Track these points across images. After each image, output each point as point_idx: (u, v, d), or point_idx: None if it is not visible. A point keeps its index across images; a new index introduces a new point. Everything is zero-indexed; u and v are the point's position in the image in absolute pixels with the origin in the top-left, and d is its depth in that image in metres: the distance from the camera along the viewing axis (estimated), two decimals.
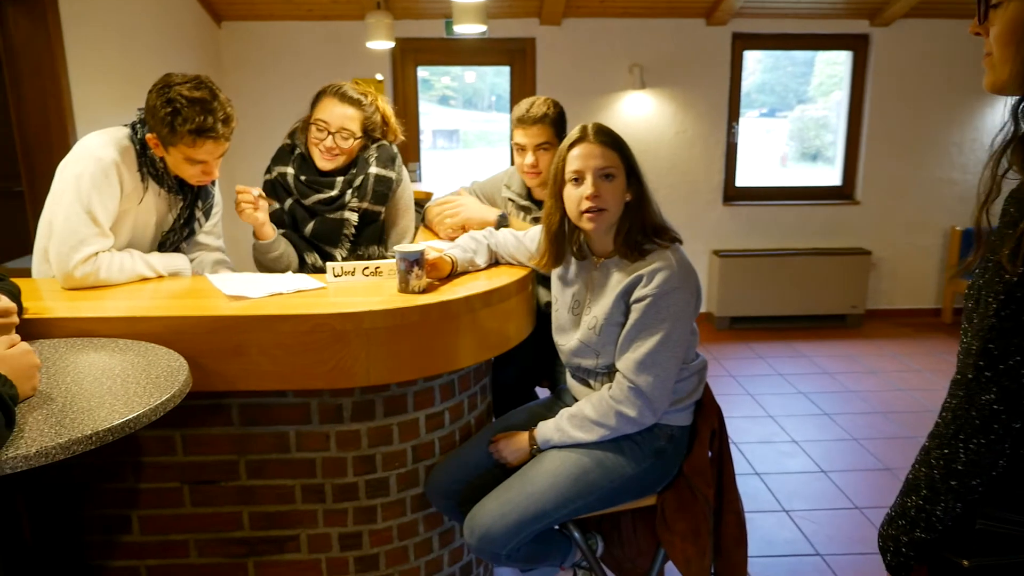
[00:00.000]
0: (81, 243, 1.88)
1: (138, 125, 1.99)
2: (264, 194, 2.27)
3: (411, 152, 5.57)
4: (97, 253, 1.90)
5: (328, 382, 1.73)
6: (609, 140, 1.77)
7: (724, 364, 4.89)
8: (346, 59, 5.31)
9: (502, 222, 2.31)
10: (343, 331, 1.69)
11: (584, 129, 1.79)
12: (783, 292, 5.57)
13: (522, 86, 5.48)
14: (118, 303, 1.80)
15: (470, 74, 9.84)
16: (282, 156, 2.44)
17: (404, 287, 1.82)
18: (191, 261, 2.25)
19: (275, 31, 5.30)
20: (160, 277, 2.03)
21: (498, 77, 10.47)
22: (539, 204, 2.59)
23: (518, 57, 5.49)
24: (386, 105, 2.47)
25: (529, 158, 2.42)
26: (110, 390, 1.36)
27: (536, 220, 2.57)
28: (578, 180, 1.77)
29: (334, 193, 2.36)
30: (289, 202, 2.40)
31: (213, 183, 2.24)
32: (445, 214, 2.42)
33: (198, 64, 4.92)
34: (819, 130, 7.10)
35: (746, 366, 4.86)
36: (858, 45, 5.54)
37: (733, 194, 5.73)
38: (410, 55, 5.45)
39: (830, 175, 5.88)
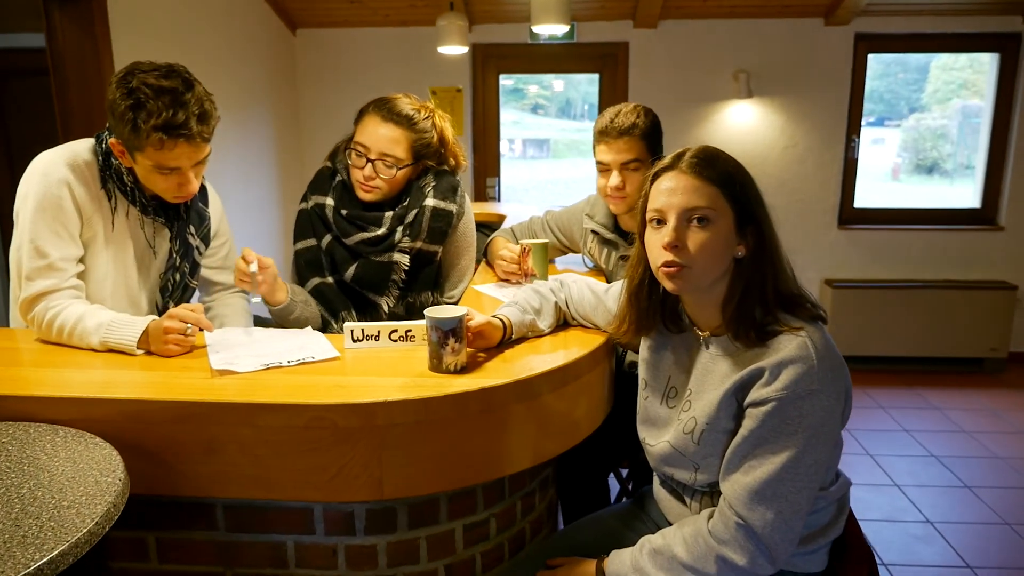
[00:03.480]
0: (26, 279, 1.56)
1: (106, 133, 1.63)
2: (268, 265, 1.78)
3: (490, 166, 5.17)
4: (45, 293, 1.56)
5: (328, 494, 1.30)
6: (709, 170, 1.26)
7: None
8: (424, 67, 4.96)
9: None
10: (349, 428, 1.26)
11: (679, 155, 1.30)
12: (907, 330, 4.84)
13: (612, 95, 4.98)
14: (71, 375, 1.43)
15: (558, 82, 9.42)
16: (320, 183, 2.04)
17: (436, 364, 1.38)
18: (207, 311, 1.87)
19: (351, 38, 5.01)
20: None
21: (591, 85, 10.04)
22: (628, 237, 2.11)
23: (609, 63, 5.00)
24: (446, 124, 2.02)
25: (614, 178, 1.95)
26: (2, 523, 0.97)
27: (625, 258, 2.08)
28: (660, 222, 1.29)
29: (381, 232, 1.94)
30: (327, 239, 1.99)
31: (204, 198, 1.85)
32: (502, 256, 1.99)
33: (272, 73, 4.67)
34: (936, 141, 6.47)
35: (864, 418, 4.19)
36: (1007, 46, 4.76)
37: (850, 216, 5.04)
38: (491, 62, 5.04)
39: (965, 195, 5.12)
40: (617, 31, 4.88)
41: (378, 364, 1.45)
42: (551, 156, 11.11)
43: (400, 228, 1.94)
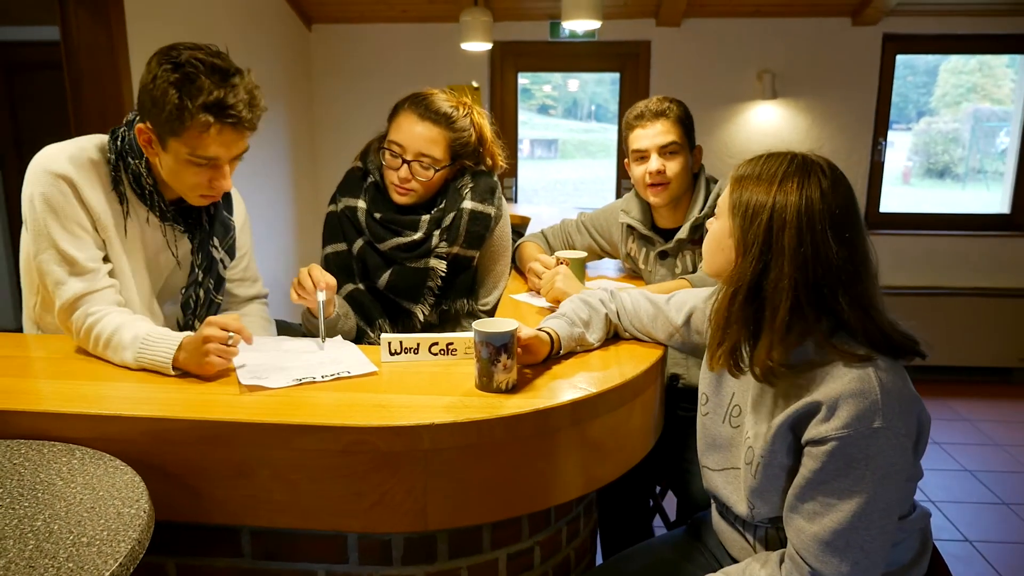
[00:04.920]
0: (57, 288, 1.43)
1: (122, 129, 1.49)
2: (332, 285, 1.62)
3: (508, 167, 5.06)
4: (82, 296, 1.43)
5: (367, 524, 1.19)
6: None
7: None
8: (442, 64, 4.85)
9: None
10: (391, 453, 1.15)
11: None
12: (934, 338, 4.51)
13: (633, 95, 4.86)
14: (87, 388, 1.31)
15: (573, 82, 9.32)
16: (351, 184, 1.92)
17: (486, 383, 1.27)
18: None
19: (368, 34, 4.90)
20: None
21: (599, 86, 9.93)
22: (665, 234, 2.00)
23: (630, 62, 4.88)
24: (484, 121, 1.91)
25: (653, 162, 1.86)
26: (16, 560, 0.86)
27: (663, 256, 1.97)
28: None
29: (417, 236, 1.83)
30: (359, 244, 1.88)
31: (228, 206, 1.67)
32: (531, 270, 1.87)
33: (287, 69, 4.56)
34: (947, 145, 6.42)
35: None
36: None
37: (877, 221, 4.91)
38: (510, 60, 4.93)
39: (979, 200, 4.99)
40: (639, 29, 4.77)
41: (419, 380, 1.34)
42: (559, 156, 11.03)
43: (436, 232, 1.83)
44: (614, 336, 1.56)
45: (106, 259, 1.48)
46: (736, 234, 1.14)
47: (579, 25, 3.01)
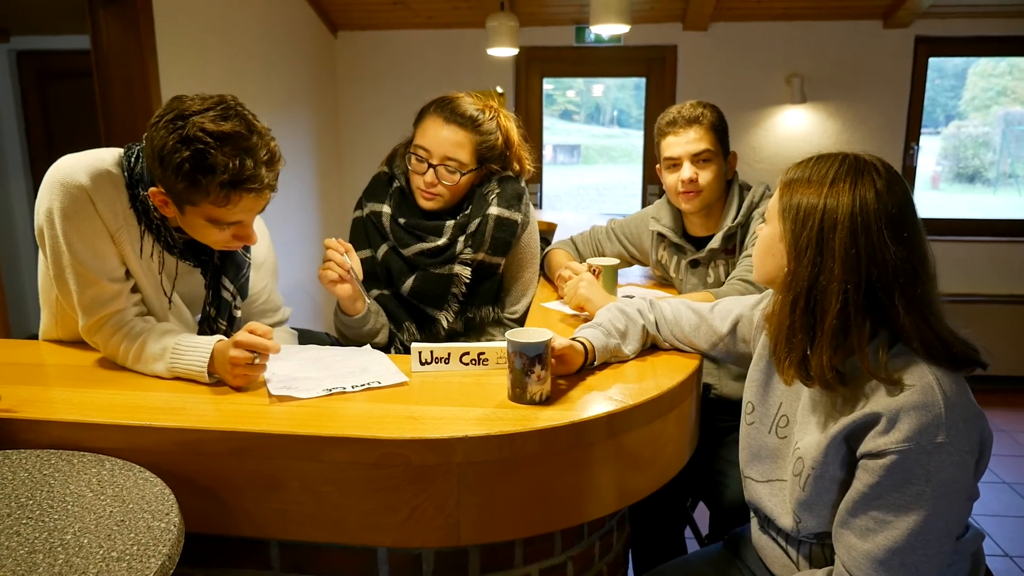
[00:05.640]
0: (80, 304, 1.40)
1: (138, 147, 1.43)
2: (356, 264, 1.66)
3: (532, 174, 5.03)
4: (108, 315, 1.40)
5: (398, 539, 1.17)
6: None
7: None
8: (467, 70, 4.84)
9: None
10: (423, 466, 1.12)
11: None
12: None
13: (660, 100, 4.82)
14: (115, 397, 1.30)
15: (598, 87, 9.28)
16: (377, 189, 1.91)
17: (519, 394, 1.24)
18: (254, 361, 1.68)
19: (393, 40, 4.91)
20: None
21: (621, 91, 9.89)
22: (696, 242, 1.96)
23: (656, 67, 4.84)
24: (511, 124, 1.88)
25: (686, 170, 1.82)
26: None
27: (694, 264, 1.94)
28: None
29: (442, 242, 1.81)
30: (384, 249, 1.86)
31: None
32: (561, 277, 1.84)
33: (312, 76, 4.58)
34: (977, 149, 6.34)
35: None
36: None
37: None
38: (535, 65, 4.91)
39: (1011, 205, 4.88)
40: (665, 33, 4.72)
41: (450, 391, 1.31)
42: (581, 162, 11.00)
43: (462, 238, 1.81)
44: (650, 347, 1.52)
45: (127, 273, 1.45)
46: (787, 238, 1.11)
47: (607, 29, 2.98)
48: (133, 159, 1.41)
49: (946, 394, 1.02)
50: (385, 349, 1.79)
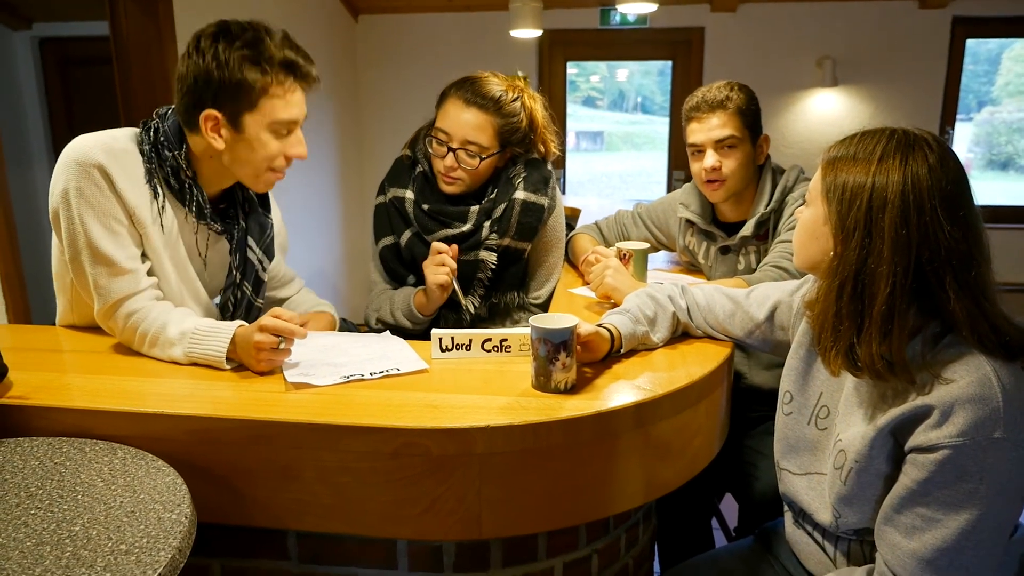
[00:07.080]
0: (96, 288, 1.36)
1: (155, 121, 1.41)
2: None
3: (556, 159, 4.97)
4: (123, 299, 1.36)
5: (417, 531, 1.13)
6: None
7: None
8: (490, 53, 4.77)
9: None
10: (444, 457, 1.08)
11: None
12: None
13: (686, 83, 4.73)
14: (129, 384, 1.27)
15: (622, 71, 9.17)
16: (399, 174, 1.86)
17: (544, 382, 1.19)
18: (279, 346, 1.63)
19: (414, 24, 4.86)
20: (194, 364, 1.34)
21: (645, 78, 9.76)
22: (727, 228, 1.89)
23: (682, 50, 4.74)
24: (536, 104, 1.81)
25: (709, 158, 1.75)
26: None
27: (724, 251, 1.87)
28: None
29: (467, 228, 1.76)
30: (407, 235, 1.81)
31: (265, 205, 1.59)
32: (587, 262, 1.78)
33: (334, 59, 4.54)
34: (1011, 135, 6.27)
35: None
36: None
37: None
38: (559, 48, 4.83)
39: None
40: (693, 15, 4.62)
41: (471, 379, 1.27)
42: (605, 149, 10.90)
43: (487, 223, 1.75)
44: (681, 334, 1.46)
45: (144, 256, 1.41)
46: (834, 220, 1.04)
47: (633, 8, 2.90)
48: (153, 130, 1.40)
49: (1005, 387, 0.96)
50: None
